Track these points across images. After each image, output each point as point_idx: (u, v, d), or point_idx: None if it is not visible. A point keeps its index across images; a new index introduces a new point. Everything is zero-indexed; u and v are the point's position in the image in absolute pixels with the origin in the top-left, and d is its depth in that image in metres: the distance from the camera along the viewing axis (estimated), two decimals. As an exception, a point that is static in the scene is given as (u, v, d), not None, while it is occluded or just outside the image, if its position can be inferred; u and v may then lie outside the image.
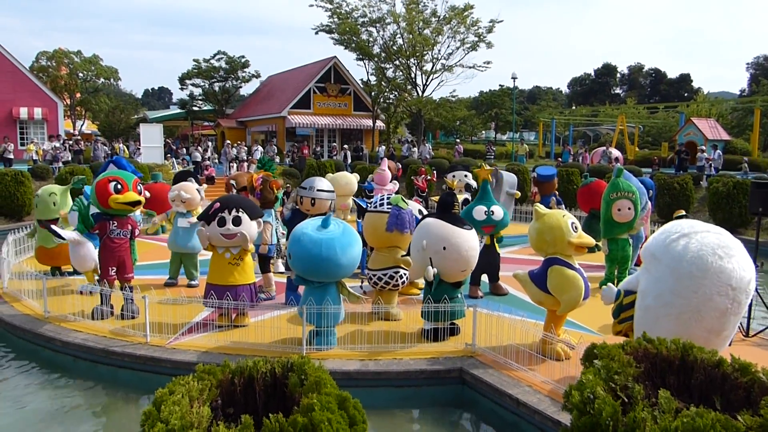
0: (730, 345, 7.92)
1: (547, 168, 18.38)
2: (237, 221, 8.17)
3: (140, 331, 8.22)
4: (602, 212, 10.71)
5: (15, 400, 7.40)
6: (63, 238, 9.72)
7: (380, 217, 8.91)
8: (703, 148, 27.61)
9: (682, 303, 5.81)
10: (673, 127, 44.05)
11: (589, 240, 7.50)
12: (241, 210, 8.23)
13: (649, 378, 4.37)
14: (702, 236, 5.91)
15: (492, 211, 10.09)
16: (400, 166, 24.57)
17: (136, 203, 8.83)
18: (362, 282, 10.72)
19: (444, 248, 7.70)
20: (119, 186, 8.68)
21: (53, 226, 10.06)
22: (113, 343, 8.08)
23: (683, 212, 10.79)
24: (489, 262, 10.26)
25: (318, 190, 9.93)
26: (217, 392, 3.96)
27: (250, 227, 8.27)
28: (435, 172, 22.56)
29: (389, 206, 8.93)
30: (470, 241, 7.84)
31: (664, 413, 3.70)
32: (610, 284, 7.42)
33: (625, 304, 6.56)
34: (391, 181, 18.14)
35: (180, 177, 12.76)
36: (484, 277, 10.61)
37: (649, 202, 12.49)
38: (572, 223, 7.41)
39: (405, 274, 8.96)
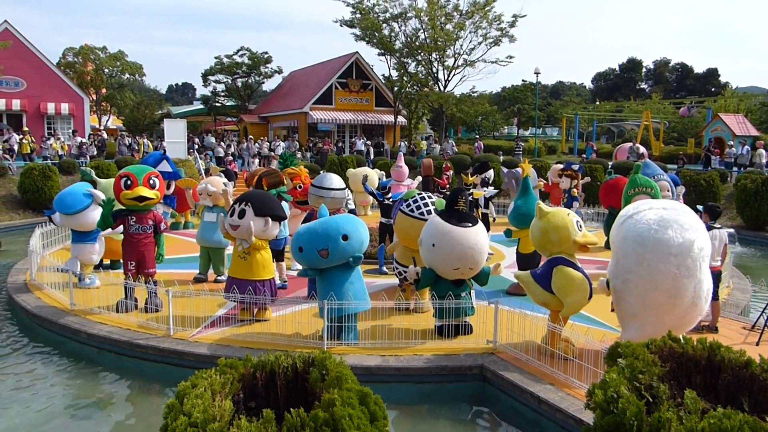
0: (758, 345, 7.82)
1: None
2: (241, 214, 8.24)
3: (164, 324, 8.33)
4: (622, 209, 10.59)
5: (40, 391, 7.52)
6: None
7: (423, 225, 8.39)
8: (731, 143, 27.11)
9: (635, 277, 6.49)
10: (699, 123, 43.29)
11: (594, 239, 7.44)
12: (248, 204, 8.26)
13: (674, 378, 4.31)
14: (643, 215, 6.55)
15: None
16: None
17: (143, 198, 8.83)
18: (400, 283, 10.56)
19: (433, 245, 7.65)
20: (129, 182, 8.77)
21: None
22: (137, 336, 8.19)
23: None
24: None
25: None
26: (239, 386, 3.99)
27: (252, 222, 8.19)
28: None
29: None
30: (465, 240, 7.60)
31: (690, 414, 3.64)
32: (602, 278, 7.27)
33: None
34: (408, 177, 18.09)
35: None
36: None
37: (680, 198, 12.35)
38: (577, 221, 7.34)
39: None
